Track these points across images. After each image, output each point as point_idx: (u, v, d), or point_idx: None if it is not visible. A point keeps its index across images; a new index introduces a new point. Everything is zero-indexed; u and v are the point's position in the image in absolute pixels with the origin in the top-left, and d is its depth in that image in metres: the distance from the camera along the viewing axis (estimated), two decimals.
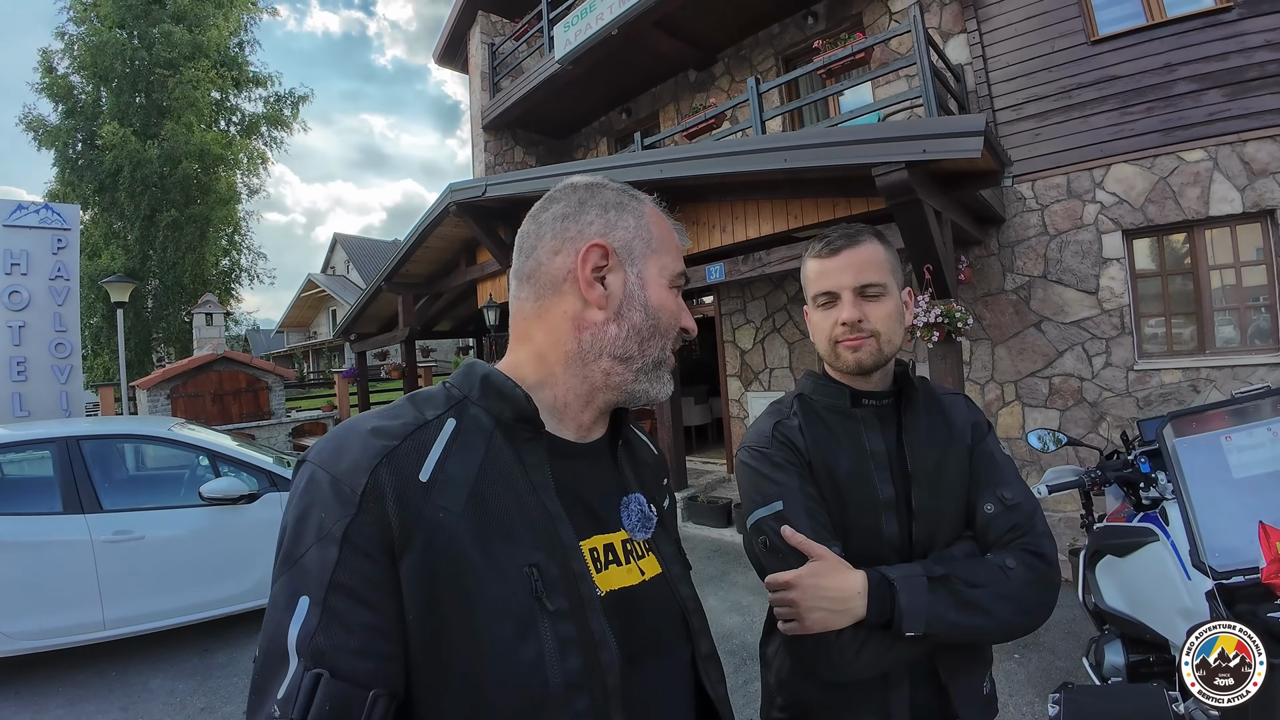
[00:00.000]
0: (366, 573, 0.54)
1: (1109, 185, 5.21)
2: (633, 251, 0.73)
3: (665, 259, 0.75)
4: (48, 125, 15.22)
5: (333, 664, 0.51)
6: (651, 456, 0.87)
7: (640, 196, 0.78)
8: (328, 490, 0.56)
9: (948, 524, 1.09)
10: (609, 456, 0.77)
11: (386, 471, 0.57)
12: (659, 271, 0.74)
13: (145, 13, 15.02)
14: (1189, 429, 1.57)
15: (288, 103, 18.19)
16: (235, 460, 4.17)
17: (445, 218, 7.48)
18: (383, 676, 0.53)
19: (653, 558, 0.75)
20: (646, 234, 0.74)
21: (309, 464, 0.60)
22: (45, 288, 6.01)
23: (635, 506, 0.74)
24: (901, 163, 3.83)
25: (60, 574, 3.45)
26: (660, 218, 0.78)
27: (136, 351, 15.38)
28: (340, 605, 0.53)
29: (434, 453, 0.60)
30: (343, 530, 0.54)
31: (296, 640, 0.52)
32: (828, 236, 1.13)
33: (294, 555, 0.56)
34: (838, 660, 0.98)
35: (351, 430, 0.61)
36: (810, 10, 7.30)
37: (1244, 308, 4.93)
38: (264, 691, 0.52)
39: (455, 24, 10.93)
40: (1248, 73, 4.66)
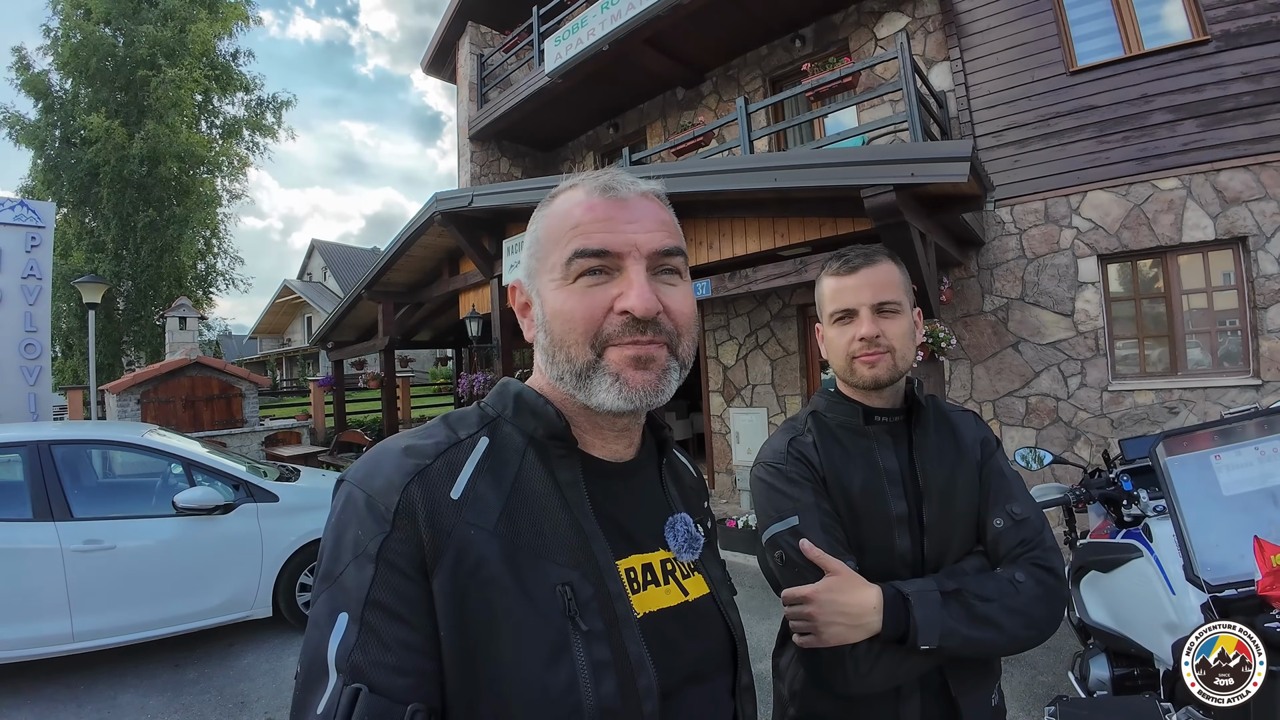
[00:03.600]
0: (402, 590, 0.54)
1: (1085, 211, 5.37)
2: (532, 273, 0.68)
3: (553, 256, 0.65)
4: (25, 122, 14.87)
5: (371, 679, 0.51)
6: (693, 479, 0.84)
7: (551, 194, 0.69)
8: (363, 509, 0.57)
9: (958, 539, 1.11)
10: (651, 475, 0.75)
11: (418, 489, 0.57)
12: (548, 276, 0.65)
13: (134, 11, 14.82)
14: (1180, 448, 1.61)
15: (270, 107, 18.01)
16: (210, 469, 4.07)
17: (430, 226, 7.43)
18: (420, 692, 0.53)
19: (699, 578, 0.72)
20: (535, 246, 0.68)
21: (346, 483, 0.60)
22: (17, 286, 5.81)
23: (682, 527, 0.71)
24: (890, 185, 3.91)
25: (28, 583, 3.33)
26: (551, 204, 0.68)
27: (107, 354, 14.97)
28: (377, 622, 0.53)
29: (465, 471, 0.60)
30: (378, 548, 0.55)
31: (336, 656, 0.52)
32: (845, 255, 1.16)
33: (333, 573, 0.56)
34: (853, 674, 1.00)
35: (386, 450, 0.62)
36: (798, 34, 7.46)
37: (1214, 331, 5.09)
38: (305, 706, 0.53)
39: (444, 34, 10.93)
40: (1223, 104, 4.85)
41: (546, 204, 0.69)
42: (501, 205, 6.46)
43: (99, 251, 14.84)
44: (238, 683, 3.52)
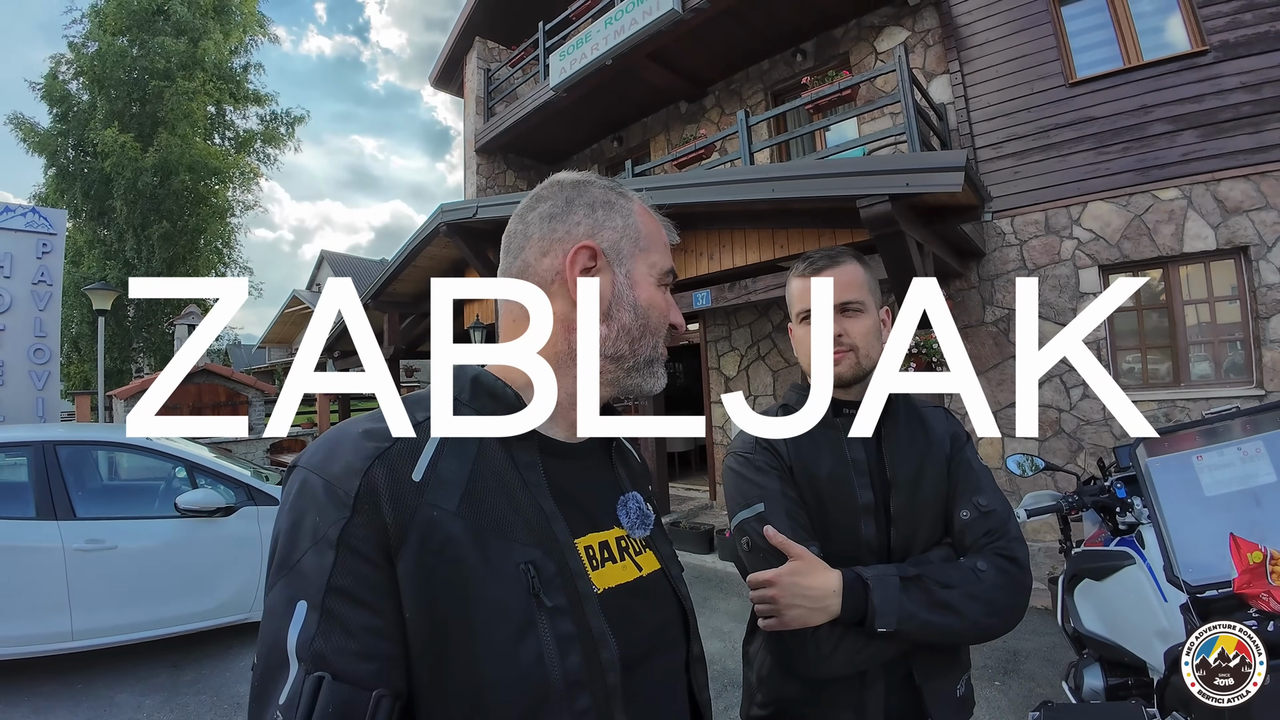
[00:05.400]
0: (364, 575, 0.54)
1: (1086, 222, 5.38)
2: (620, 251, 0.73)
3: (654, 256, 0.75)
4: (38, 130, 15.16)
5: (334, 667, 0.51)
6: (638, 463, 0.87)
7: (628, 194, 0.77)
8: (321, 494, 0.56)
9: (925, 529, 1.13)
10: (601, 456, 0.77)
11: (380, 472, 0.57)
12: (647, 270, 0.74)
13: (148, 23, 15.12)
14: (1161, 449, 1.61)
15: (284, 122, 18.29)
16: (213, 472, 4.10)
17: (435, 237, 7.52)
18: (385, 678, 0.52)
19: (651, 554, 0.75)
20: (635, 232, 0.74)
21: (301, 469, 0.59)
22: (28, 292, 5.90)
23: (634, 504, 0.75)
24: (885, 195, 3.94)
25: (29, 581, 3.36)
26: (649, 215, 0.77)
27: (116, 361, 15.15)
28: (339, 608, 0.52)
29: (426, 453, 0.60)
30: (338, 534, 0.54)
31: (296, 645, 0.51)
32: (810, 257, 1.20)
33: (289, 561, 0.55)
34: (814, 656, 1.02)
35: (343, 434, 0.61)
36: (799, 48, 7.53)
37: (1218, 342, 5.06)
38: (265, 698, 0.52)
39: (453, 49, 11.10)
40: (1222, 114, 4.85)
41: (634, 201, 0.78)
42: (506, 216, 6.47)
43: (111, 259, 15.07)
44: (234, 684, 3.53)
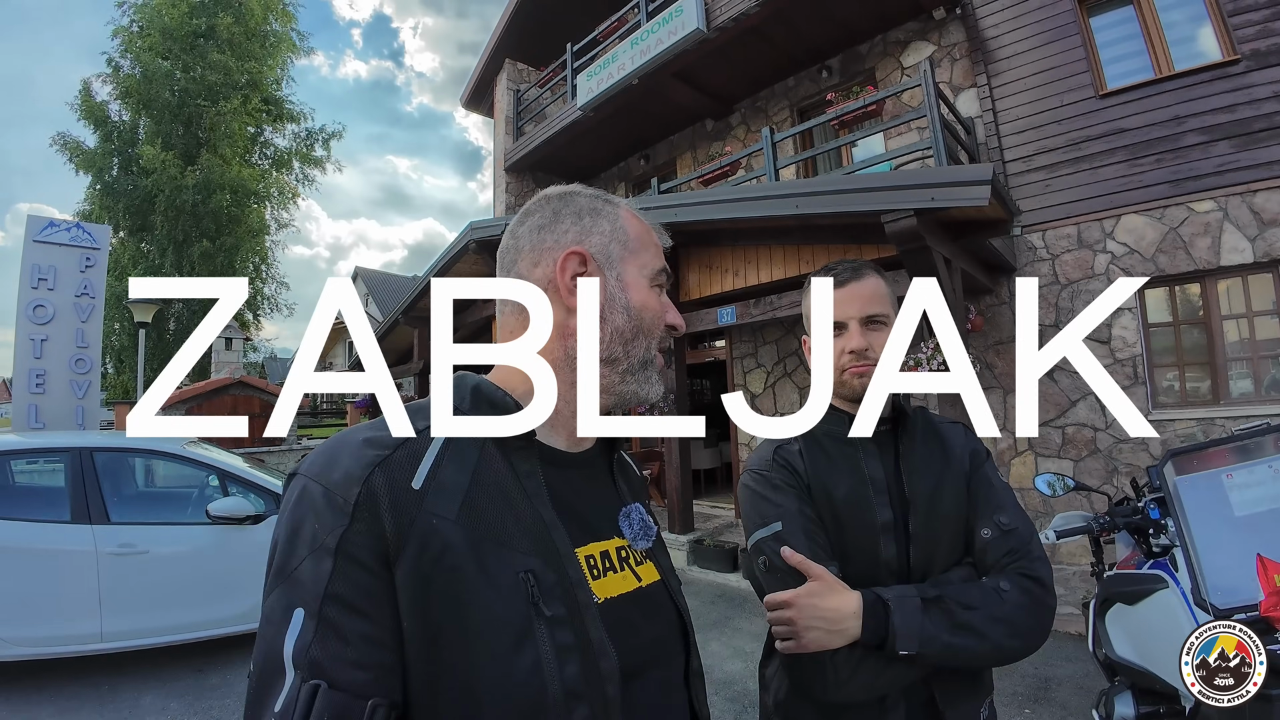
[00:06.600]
0: (361, 583, 0.54)
1: (1119, 235, 5.25)
2: (610, 255, 0.73)
3: (644, 257, 0.76)
4: (84, 149, 15.87)
5: (330, 675, 0.51)
6: (638, 477, 0.87)
7: (614, 200, 0.78)
8: (320, 502, 0.56)
9: (945, 548, 1.10)
10: (602, 467, 0.78)
11: (380, 480, 0.57)
12: (638, 271, 0.75)
13: (191, 45, 15.77)
14: (1190, 466, 1.55)
15: (319, 139, 18.84)
16: (244, 481, 4.19)
17: (465, 254, 7.65)
18: (381, 686, 0.52)
19: (650, 565, 0.74)
20: (623, 236, 0.75)
21: (300, 476, 0.59)
22: (70, 304, 6.12)
23: (637, 515, 0.74)
24: (910, 210, 3.90)
25: (62, 583, 3.47)
26: (636, 218, 0.78)
27: (156, 372, 15.67)
28: (336, 616, 0.52)
29: (426, 461, 0.60)
30: (336, 541, 0.54)
31: (293, 653, 0.51)
32: (834, 269, 1.19)
33: (287, 568, 0.55)
34: (833, 680, 0.98)
35: (343, 442, 0.61)
36: (825, 65, 7.54)
37: (1258, 358, 4.88)
38: (260, 705, 0.52)
39: (483, 70, 11.37)
40: (1255, 124, 4.73)
41: (620, 206, 0.78)
42: None
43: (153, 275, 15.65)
44: None
